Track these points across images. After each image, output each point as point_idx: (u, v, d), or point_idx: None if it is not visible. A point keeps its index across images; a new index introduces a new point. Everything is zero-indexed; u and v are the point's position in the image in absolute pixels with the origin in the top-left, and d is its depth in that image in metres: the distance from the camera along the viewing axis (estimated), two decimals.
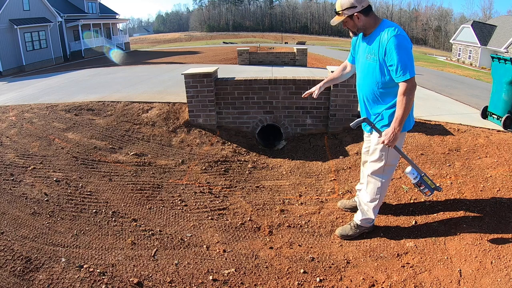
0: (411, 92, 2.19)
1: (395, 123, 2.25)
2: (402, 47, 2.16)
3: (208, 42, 53.32)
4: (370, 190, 2.65)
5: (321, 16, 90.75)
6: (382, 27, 2.28)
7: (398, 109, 2.24)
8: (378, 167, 2.54)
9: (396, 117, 2.25)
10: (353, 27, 2.39)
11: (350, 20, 2.35)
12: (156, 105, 5.30)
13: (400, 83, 2.21)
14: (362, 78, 2.53)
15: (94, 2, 28.27)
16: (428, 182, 2.45)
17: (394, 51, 2.16)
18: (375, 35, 2.32)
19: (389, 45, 2.18)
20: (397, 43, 2.15)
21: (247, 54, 12.63)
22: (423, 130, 4.48)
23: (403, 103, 2.20)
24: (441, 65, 29.37)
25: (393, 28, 2.21)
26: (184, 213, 3.16)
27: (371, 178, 2.63)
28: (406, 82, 2.18)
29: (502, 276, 2.23)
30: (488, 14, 69.31)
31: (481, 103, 6.05)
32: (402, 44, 2.16)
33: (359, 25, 2.35)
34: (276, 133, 5.08)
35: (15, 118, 4.96)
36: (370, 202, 2.66)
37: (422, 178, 2.45)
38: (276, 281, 2.38)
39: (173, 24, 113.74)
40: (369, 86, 2.46)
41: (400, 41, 2.16)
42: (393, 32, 2.18)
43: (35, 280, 2.20)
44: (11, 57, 18.76)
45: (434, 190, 2.46)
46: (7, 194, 3.11)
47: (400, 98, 2.22)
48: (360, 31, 2.41)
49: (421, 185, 2.48)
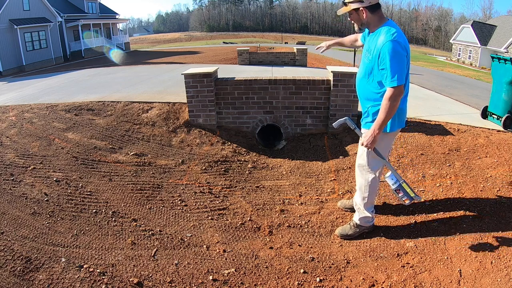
0: (396, 99, 2.22)
1: (375, 125, 2.30)
2: (395, 53, 2.17)
3: (208, 42, 53.33)
4: (359, 188, 2.74)
5: (321, 16, 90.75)
6: (384, 28, 2.29)
7: (381, 113, 2.28)
8: (362, 161, 2.62)
9: (377, 120, 2.29)
10: (357, 21, 2.41)
11: (355, 13, 2.36)
12: (156, 105, 5.30)
13: (388, 88, 2.24)
14: (359, 74, 2.59)
15: (94, 2, 28.27)
16: (407, 190, 2.44)
17: (387, 56, 2.18)
18: (375, 34, 2.35)
19: (383, 49, 2.20)
20: (390, 49, 2.17)
21: (247, 54, 12.62)
22: (423, 130, 4.48)
23: (386, 108, 2.24)
24: (441, 65, 29.38)
25: (391, 32, 2.21)
26: (184, 213, 3.16)
27: (359, 177, 2.72)
28: (393, 88, 2.21)
29: (502, 276, 2.23)
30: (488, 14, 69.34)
31: (481, 103, 6.04)
32: (396, 50, 2.17)
33: (363, 20, 2.36)
34: (276, 133, 5.08)
35: (15, 118, 4.96)
36: (361, 200, 2.71)
37: (401, 185, 2.44)
38: (276, 281, 2.38)
39: (173, 24, 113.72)
40: (363, 83, 2.52)
41: (394, 47, 2.17)
42: (389, 37, 2.19)
43: (35, 280, 2.20)
44: (11, 57, 18.76)
45: (412, 199, 2.45)
46: (7, 194, 3.11)
47: (384, 102, 2.25)
48: (364, 26, 2.42)
49: (399, 192, 2.46)
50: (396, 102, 2.24)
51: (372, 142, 2.34)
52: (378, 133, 2.31)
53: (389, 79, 2.21)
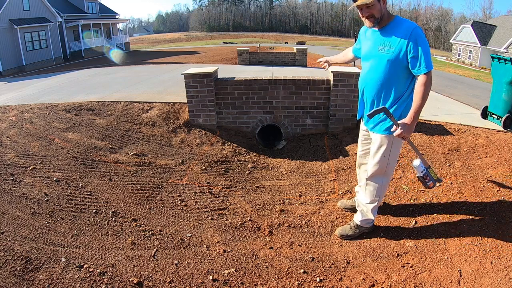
0: (429, 85, 2.22)
1: (413, 113, 2.21)
2: (424, 39, 2.21)
3: (208, 42, 53.33)
4: (369, 192, 2.63)
5: (321, 16, 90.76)
6: (399, 20, 2.30)
7: (417, 100, 2.20)
8: (380, 169, 2.51)
9: (415, 108, 2.21)
10: (377, 13, 2.29)
11: (377, 3, 2.27)
12: (156, 105, 5.30)
13: (421, 75, 2.21)
14: (370, 71, 2.46)
15: (94, 2, 28.28)
16: (432, 174, 2.44)
17: (418, 42, 2.18)
18: (391, 27, 2.30)
19: (413, 36, 2.19)
20: (420, 35, 2.20)
21: (247, 54, 12.63)
22: (423, 130, 4.48)
23: (422, 94, 2.19)
24: (441, 65, 29.37)
25: (411, 22, 2.26)
26: (184, 213, 3.16)
27: (371, 181, 2.60)
28: (427, 74, 2.20)
29: (502, 276, 2.23)
30: (488, 14, 69.36)
31: (481, 103, 6.05)
32: (423, 36, 2.21)
33: (384, 11, 2.29)
34: (276, 133, 5.08)
35: (15, 118, 4.96)
36: (369, 203, 2.65)
37: (427, 171, 2.43)
38: (276, 281, 2.38)
39: (173, 24, 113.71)
40: (377, 80, 2.40)
41: (421, 33, 2.21)
42: (413, 24, 2.23)
43: (35, 280, 2.20)
44: (11, 57, 18.77)
45: (436, 182, 2.46)
46: (7, 194, 3.11)
47: (420, 89, 2.20)
48: (381, 18, 2.32)
49: (426, 177, 2.44)
50: (429, 88, 2.22)
51: (410, 131, 2.25)
52: (416, 121, 2.23)
53: (424, 64, 2.19)
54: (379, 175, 2.55)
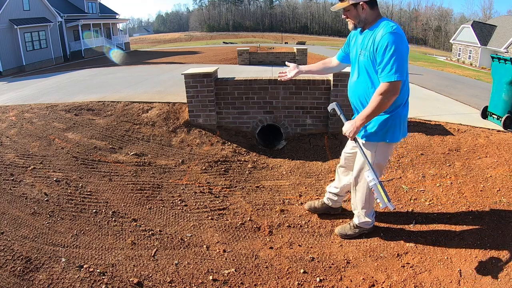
0: (388, 96, 2.02)
1: (360, 117, 2.13)
2: (394, 46, 1.98)
3: (208, 42, 53.32)
4: (359, 198, 2.59)
5: (321, 16, 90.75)
6: (380, 24, 2.12)
7: (368, 107, 2.07)
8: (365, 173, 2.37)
9: (363, 114, 2.12)
10: (354, 18, 2.19)
11: (353, 9, 2.15)
12: (156, 105, 5.30)
13: (382, 83, 2.03)
14: (354, 78, 2.35)
15: (94, 2, 28.27)
16: (381, 192, 2.21)
17: (384, 48, 2.00)
18: (372, 30, 2.15)
19: (382, 41, 2.02)
20: (390, 41, 1.99)
21: (247, 54, 12.64)
22: (423, 130, 4.48)
23: (376, 104, 2.04)
24: (441, 65, 29.36)
25: (391, 25, 2.06)
26: (184, 213, 3.16)
27: (359, 186, 2.53)
28: (388, 83, 2.00)
29: (502, 276, 2.23)
30: (488, 14, 69.33)
31: (481, 103, 6.05)
32: (396, 42, 1.99)
33: (362, 17, 2.16)
34: (276, 133, 5.08)
35: (15, 118, 4.96)
36: (362, 209, 2.64)
37: (375, 185, 2.23)
38: (276, 281, 2.38)
39: (173, 24, 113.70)
40: (361, 86, 2.29)
41: (394, 39, 1.99)
42: (389, 29, 2.02)
43: (35, 280, 2.20)
44: (11, 57, 18.77)
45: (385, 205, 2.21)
46: (7, 194, 3.11)
47: (375, 97, 2.05)
48: (360, 24, 2.21)
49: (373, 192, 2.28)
50: (388, 100, 2.02)
51: (353, 133, 2.17)
52: (360, 126, 2.14)
53: (386, 72, 2.00)
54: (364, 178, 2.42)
